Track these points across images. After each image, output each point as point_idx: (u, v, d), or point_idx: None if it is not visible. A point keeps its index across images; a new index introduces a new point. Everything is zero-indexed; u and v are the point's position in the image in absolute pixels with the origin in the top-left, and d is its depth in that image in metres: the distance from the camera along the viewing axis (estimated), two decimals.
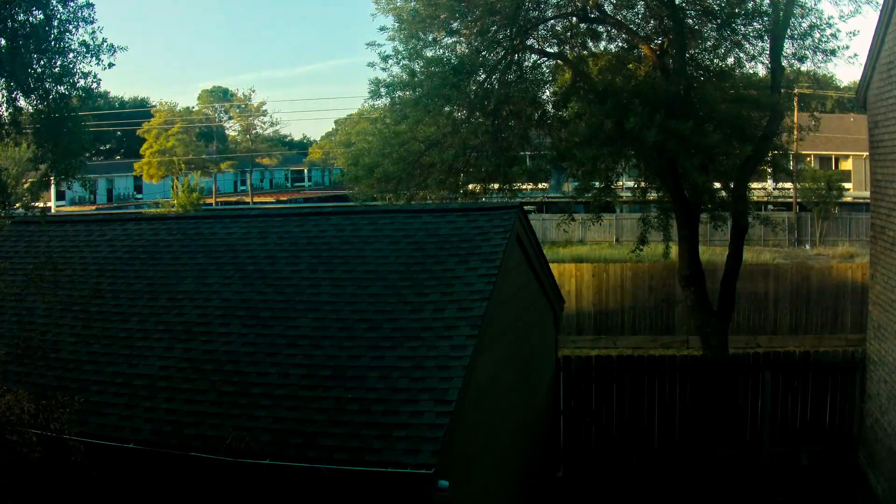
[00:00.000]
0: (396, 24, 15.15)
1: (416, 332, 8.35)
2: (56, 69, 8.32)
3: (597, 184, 15.80)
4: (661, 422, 13.93)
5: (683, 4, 14.97)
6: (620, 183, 18.19)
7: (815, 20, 14.56)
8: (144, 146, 66.03)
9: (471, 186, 15.72)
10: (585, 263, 25.47)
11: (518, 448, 11.03)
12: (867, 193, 18.38)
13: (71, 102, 8.56)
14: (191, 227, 11.47)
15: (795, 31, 14.72)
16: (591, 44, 16.08)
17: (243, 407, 7.78)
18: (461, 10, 14.02)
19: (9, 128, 8.47)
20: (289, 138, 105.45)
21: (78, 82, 8.48)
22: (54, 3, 8.35)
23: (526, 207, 11.32)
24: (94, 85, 8.61)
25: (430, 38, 14.90)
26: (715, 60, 15.64)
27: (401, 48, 15.18)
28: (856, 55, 38.30)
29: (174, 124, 66.72)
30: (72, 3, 8.41)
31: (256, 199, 71.18)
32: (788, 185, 44.30)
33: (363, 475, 6.89)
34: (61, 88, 8.41)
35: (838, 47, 14.47)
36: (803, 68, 16.89)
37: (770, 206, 44.71)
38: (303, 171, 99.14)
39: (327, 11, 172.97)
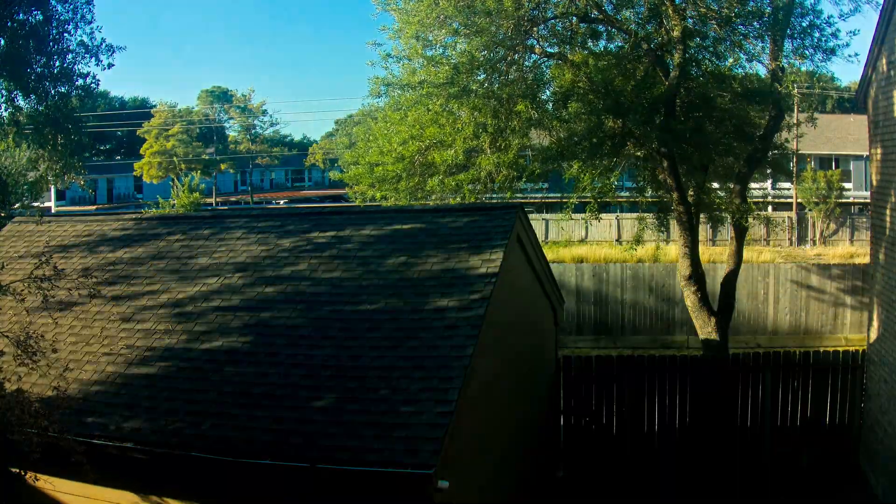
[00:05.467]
0: (397, 24, 15.18)
1: (416, 332, 8.34)
2: (55, 69, 8.33)
3: (596, 183, 15.83)
4: (661, 422, 13.93)
5: (684, 4, 14.95)
6: (619, 183, 18.16)
7: (814, 19, 14.54)
8: (144, 146, 66.13)
9: (471, 186, 15.71)
10: (586, 263, 25.50)
11: (518, 448, 11.02)
12: (867, 193, 18.38)
13: (70, 102, 8.57)
14: (191, 227, 11.47)
15: (795, 30, 14.70)
16: (591, 44, 16.08)
17: (243, 407, 7.78)
18: (461, 9, 14.01)
19: (8, 127, 8.47)
20: (289, 138, 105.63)
21: (77, 82, 8.49)
22: (53, 2, 8.35)
23: (526, 207, 11.30)
24: (94, 85, 8.62)
25: (430, 38, 14.91)
26: (715, 60, 15.62)
27: (401, 47, 15.20)
28: (856, 54, 38.21)
29: (174, 125, 66.82)
30: (71, 3, 8.41)
31: (256, 199, 71.25)
32: (788, 185, 44.34)
33: (363, 475, 6.87)
34: (60, 89, 8.42)
35: (838, 46, 14.44)
36: (804, 68, 16.83)
37: (770, 207, 44.72)
38: (303, 171, 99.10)
39: (328, 11, 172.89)
